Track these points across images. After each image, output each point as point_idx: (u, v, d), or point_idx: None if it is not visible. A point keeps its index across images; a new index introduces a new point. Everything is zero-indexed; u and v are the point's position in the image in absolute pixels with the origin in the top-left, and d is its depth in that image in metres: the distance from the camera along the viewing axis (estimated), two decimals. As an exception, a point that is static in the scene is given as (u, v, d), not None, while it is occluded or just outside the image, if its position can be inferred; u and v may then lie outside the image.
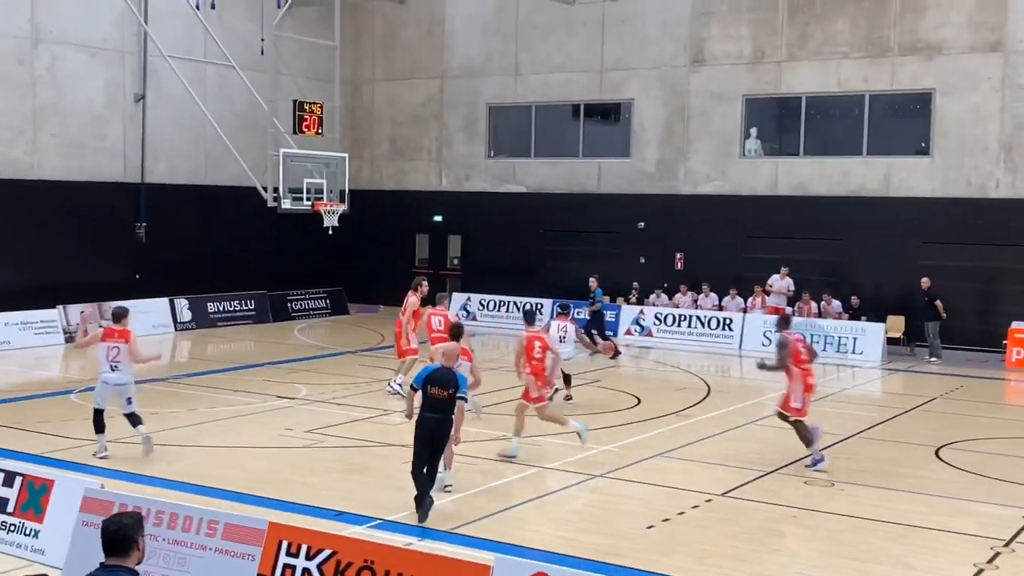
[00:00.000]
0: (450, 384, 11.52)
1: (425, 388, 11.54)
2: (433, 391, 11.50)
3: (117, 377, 13.66)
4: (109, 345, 13.62)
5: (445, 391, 11.49)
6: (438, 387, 11.51)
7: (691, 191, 27.90)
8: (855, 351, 24.33)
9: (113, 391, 13.75)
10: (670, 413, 17.60)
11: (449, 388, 11.50)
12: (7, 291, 23.65)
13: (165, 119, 27.43)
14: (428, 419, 11.47)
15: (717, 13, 27.35)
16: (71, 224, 25.24)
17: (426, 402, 11.51)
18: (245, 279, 28.57)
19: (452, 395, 11.51)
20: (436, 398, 11.49)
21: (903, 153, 25.75)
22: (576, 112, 29.88)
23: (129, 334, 13.73)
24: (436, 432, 11.50)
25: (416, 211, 31.49)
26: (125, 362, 13.66)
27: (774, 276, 25.88)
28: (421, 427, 11.53)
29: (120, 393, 13.77)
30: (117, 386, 13.72)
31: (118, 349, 13.58)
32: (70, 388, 18.81)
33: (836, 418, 17.67)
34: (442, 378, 11.56)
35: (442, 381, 11.53)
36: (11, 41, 24.22)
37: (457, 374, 11.72)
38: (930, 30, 25.01)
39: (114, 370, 13.64)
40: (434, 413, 11.47)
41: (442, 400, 11.49)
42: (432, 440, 11.51)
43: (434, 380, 11.55)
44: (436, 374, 11.62)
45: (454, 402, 11.57)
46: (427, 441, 11.48)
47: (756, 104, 27.42)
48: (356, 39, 32.14)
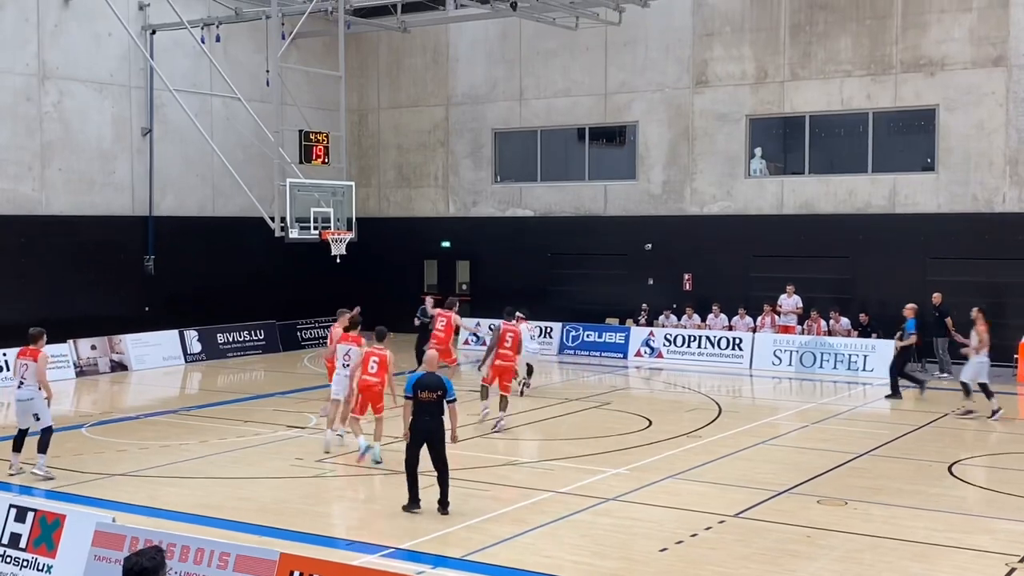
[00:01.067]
0: (438, 387, 12.49)
1: (416, 394, 12.44)
2: (423, 395, 12.43)
3: (21, 393, 14.50)
4: (20, 362, 14.57)
5: (434, 394, 12.45)
6: (427, 391, 12.45)
7: (697, 212, 27.94)
8: (865, 368, 24.26)
9: (18, 407, 14.56)
10: (681, 434, 17.55)
11: (438, 391, 12.47)
12: (17, 326, 23.52)
13: (172, 152, 27.59)
14: (423, 422, 12.42)
15: (719, 34, 27.46)
16: (80, 259, 25.35)
17: (418, 407, 12.44)
18: (254, 309, 28.65)
19: (441, 397, 12.47)
20: (426, 401, 12.42)
21: (908, 169, 25.77)
22: (581, 136, 29.98)
23: (39, 354, 14.62)
24: (431, 433, 12.43)
25: (424, 237, 31.58)
26: (31, 380, 14.44)
27: (782, 296, 25.92)
28: (416, 431, 12.44)
29: (25, 409, 14.50)
30: (20, 402, 14.52)
31: (27, 367, 14.47)
32: (81, 422, 18.85)
33: (848, 436, 17.63)
34: (430, 382, 12.51)
35: (430, 385, 12.49)
36: (19, 78, 24.41)
37: (443, 378, 12.67)
38: (932, 46, 25.07)
39: (20, 387, 14.50)
40: (426, 416, 12.41)
41: (432, 402, 12.45)
42: (428, 441, 12.44)
43: (423, 385, 12.49)
44: (424, 379, 12.56)
45: (443, 404, 12.51)
46: (422, 443, 12.44)
47: (760, 124, 27.48)
48: (361, 68, 32.34)
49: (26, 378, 14.45)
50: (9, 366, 23.11)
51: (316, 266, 25.78)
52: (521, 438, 17.51)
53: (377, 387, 15.23)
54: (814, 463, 15.46)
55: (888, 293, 25.45)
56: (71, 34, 25.36)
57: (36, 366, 14.48)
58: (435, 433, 12.46)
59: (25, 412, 14.55)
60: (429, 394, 12.45)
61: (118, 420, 19.31)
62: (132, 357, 25.52)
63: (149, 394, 23.17)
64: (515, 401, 20.58)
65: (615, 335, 27.87)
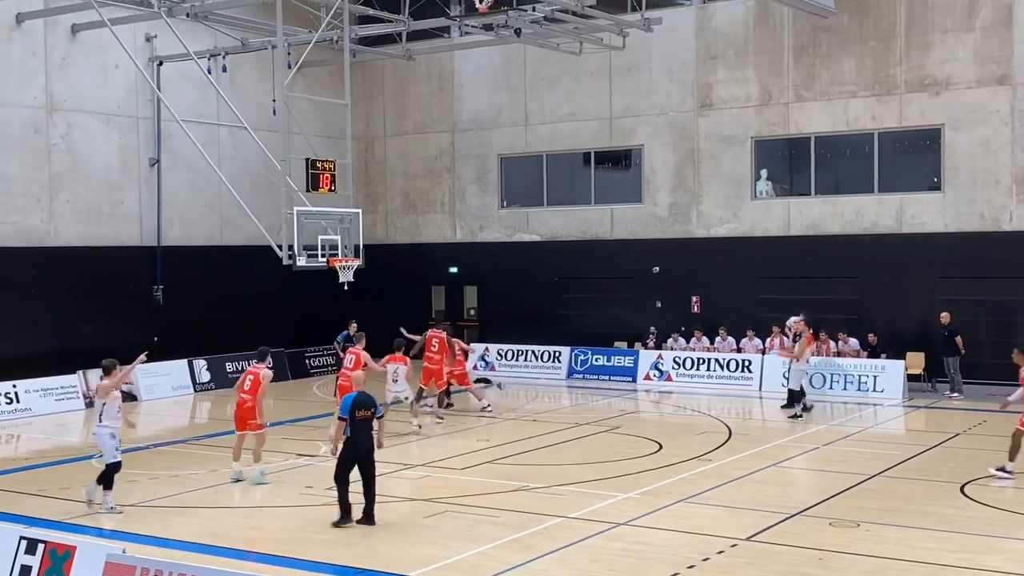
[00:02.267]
0: (371, 405, 13.54)
1: (353, 413, 13.27)
2: (360, 413, 13.34)
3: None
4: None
5: (369, 411, 13.47)
6: (363, 409, 13.40)
7: (704, 234, 27.95)
8: (875, 389, 24.19)
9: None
10: (692, 458, 17.49)
11: (371, 408, 13.52)
12: (27, 358, 23.79)
13: (180, 182, 27.71)
14: (361, 439, 13.31)
15: (723, 57, 27.55)
16: (89, 289, 25.42)
17: (354, 425, 13.27)
18: (263, 337, 28.45)
19: (373, 414, 13.57)
20: (362, 419, 13.37)
21: (915, 189, 25.76)
22: (587, 160, 30.04)
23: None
24: (365, 449, 13.33)
25: (431, 263, 31.62)
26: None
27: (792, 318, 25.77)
28: (353, 447, 13.25)
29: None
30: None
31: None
32: (91, 453, 18.82)
33: (859, 457, 17.56)
34: (365, 402, 13.47)
35: (366, 404, 13.46)
36: (27, 111, 24.58)
37: (372, 396, 13.69)
38: (936, 66, 25.12)
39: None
40: (361, 433, 13.34)
41: (366, 420, 13.44)
42: (363, 458, 13.29)
43: (359, 404, 13.39)
44: (359, 399, 13.45)
45: (373, 421, 13.62)
46: (358, 459, 13.27)
47: (765, 146, 27.52)
48: (367, 96, 32.49)
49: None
50: (19, 398, 23.23)
51: (324, 294, 25.79)
52: (531, 463, 17.47)
53: (249, 404, 16.02)
54: (825, 485, 15.40)
55: (897, 313, 25.42)
56: (79, 66, 25.54)
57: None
58: (370, 449, 13.43)
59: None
60: (364, 412, 13.38)
61: (128, 450, 19.13)
62: (141, 387, 25.53)
63: (159, 424, 23.16)
64: (525, 426, 20.56)
65: (624, 359, 27.83)
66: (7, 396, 23.04)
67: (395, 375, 20.01)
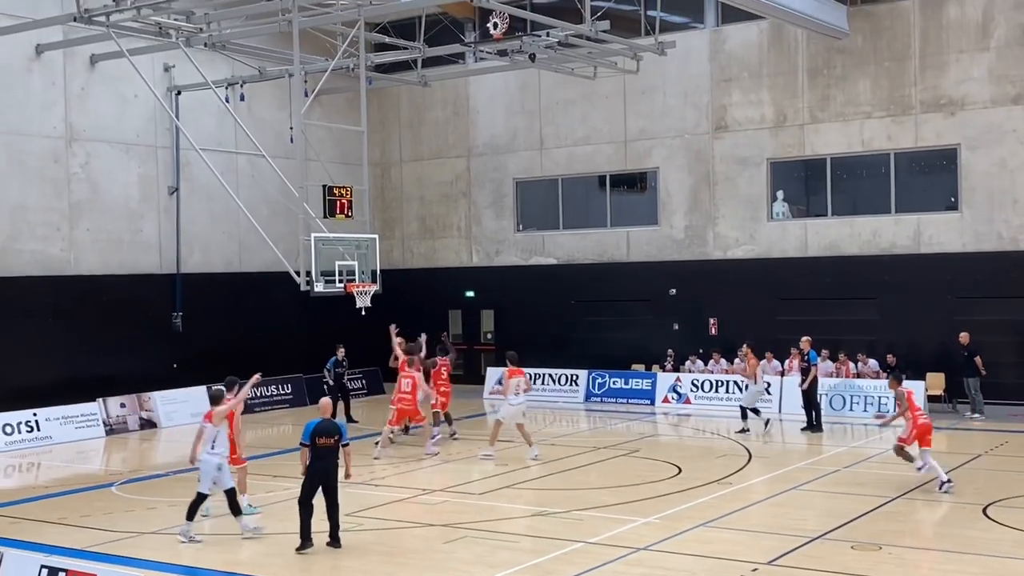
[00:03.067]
0: (335, 432, 13.48)
1: (314, 440, 13.33)
2: (321, 440, 13.33)
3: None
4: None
5: (331, 439, 13.40)
6: (325, 436, 13.37)
7: (721, 256, 27.93)
8: (895, 410, 23.98)
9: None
10: (712, 481, 17.43)
11: (335, 435, 13.45)
12: (48, 386, 23.92)
13: (198, 210, 27.89)
14: (321, 466, 13.33)
15: (737, 80, 27.61)
16: (108, 317, 25.55)
17: (316, 452, 13.33)
18: (281, 363, 28.73)
19: (337, 442, 13.45)
20: (323, 446, 13.34)
21: (932, 209, 25.70)
22: (602, 183, 30.10)
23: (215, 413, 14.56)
24: (328, 476, 13.33)
25: (448, 288, 31.68)
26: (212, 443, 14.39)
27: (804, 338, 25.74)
28: (314, 474, 13.33)
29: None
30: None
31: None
32: (111, 481, 18.92)
33: (880, 479, 17.46)
34: (328, 428, 13.45)
35: (328, 431, 13.43)
36: (47, 141, 24.80)
37: (340, 424, 13.71)
38: (952, 86, 25.10)
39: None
40: (323, 460, 13.35)
41: (329, 447, 13.40)
42: (325, 483, 13.30)
43: (321, 431, 13.39)
44: (321, 426, 13.44)
45: (338, 448, 13.49)
46: (319, 484, 13.29)
47: (781, 167, 27.52)
48: (383, 122, 32.67)
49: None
50: (40, 426, 23.35)
51: (341, 319, 25.87)
52: (550, 488, 17.44)
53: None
54: (847, 508, 15.31)
55: (915, 334, 25.30)
56: (98, 96, 25.77)
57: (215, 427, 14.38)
58: (332, 475, 13.40)
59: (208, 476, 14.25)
60: (326, 439, 13.36)
61: (148, 478, 19.38)
62: (161, 414, 25.63)
63: (178, 451, 23.13)
64: (543, 450, 20.52)
65: (642, 381, 27.79)
66: (27, 424, 23.17)
67: (517, 389, 19.87)
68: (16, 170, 24.21)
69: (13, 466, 21.27)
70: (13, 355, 23.64)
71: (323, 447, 13.35)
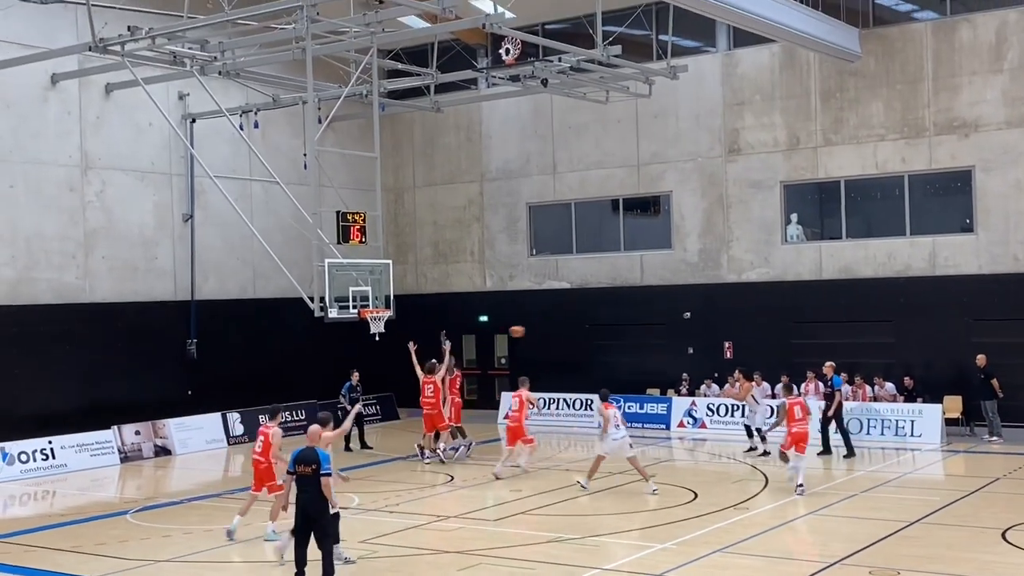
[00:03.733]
0: (312, 461, 12.80)
1: (296, 468, 12.94)
2: (299, 469, 12.88)
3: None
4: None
5: (308, 467, 12.79)
6: (303, 464, 12.85)
7: (735, 279, 27.87)
8: (913, 434, 23.91)
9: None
10: (728, 506, 17.32)
11: (312, 464, 12.79)
12: (63, 414, 23.98)
13: (213, 237, 27.99)
14: (300, 496, 12.89)
15: (749, 103, 27.62)
16: (123, 345, 25.62)
17: (297, 481, 12.95)
18: (295, 389, 28.75)
19: (315, 471, 12.74)
20: (303, 475, 12.86)
21: (947, 231, 25.60)
22: (615, 207, 30.10)
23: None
24: (309, 506, 12.74)
25: (461, 312, 31.65)
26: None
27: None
28: (297, 504, 12.93)
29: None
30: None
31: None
32: (126, 509, 18.92)
33: (898, 504, 17.33)
34: (306, 457, 12.89)
35: (306, 459, 12.87)
36: (62, 169, 24.96)
37: (319, 452, 12.94)
38: (965, 108, 25.06)
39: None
40: (304, 491, 12.84)
41: (307, 476, 12.79)
42: (306, 514, 12.75)
43: (300, 459, 12.92)
44: (301, 454, 12.96)
45: (318, 478, 12.73)
46: (303, 516, 12.78)
47: (795, 190, 27.49)
48: (396, 148, 32.78)
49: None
50: (55, 454, 23.38)
51: (355, 344, 25.90)
52: (565, 513, 17.35)
53: (264, 465, 16.03)
54: (864, 532, 15.19)
55: (932, 356, 25.16)
56: (113, 125, 25.94)
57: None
58: (312, 506, 12.75)
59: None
60: (304, 468, 12.85)
61: (162, 505, 19.37)
62: (175, 441, 25.65)
63: (193, 478, 23.24)
64: (559, 476, 20.42)
65: (657, 406, 27.70)
66: (43, 452, 23.20)
67: (616, 421, 19.25)
68: (32, 199, 24.36)
69: (28, 494, 21.29)
70: (29, 383, 23.73)
71: (302, 476, 12.83)
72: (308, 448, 13.03)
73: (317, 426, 13.96)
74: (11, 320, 23.68)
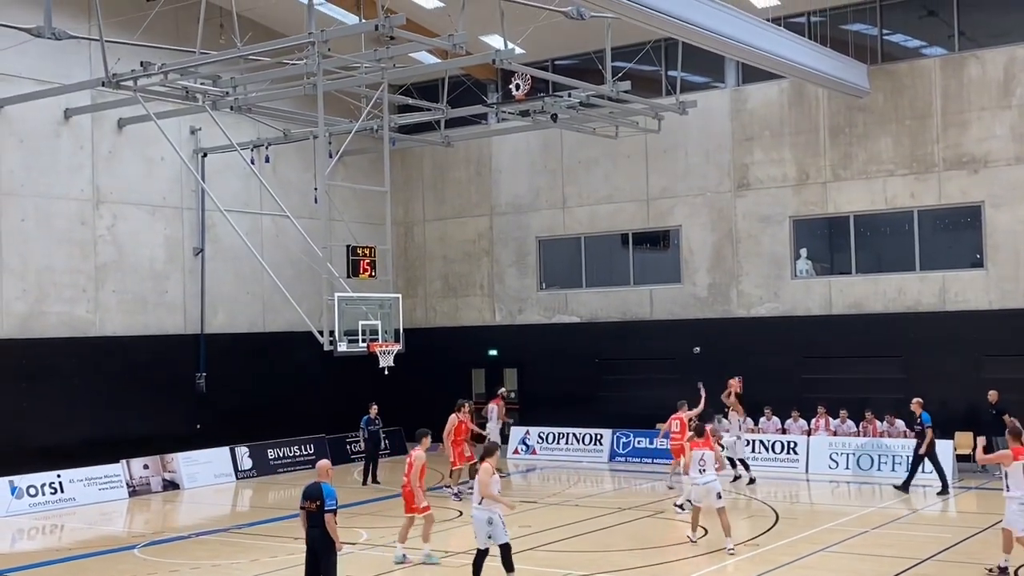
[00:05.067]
0: (317, 497, 12.77)
1: (303, 504, 12.94)
2: (305, 504, 12.87)
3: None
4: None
5: (313, 503, 12.77)
6: (308, 500, 12.84)
7: (745, 314, 27.83)
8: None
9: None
10: (738, 543, 17.20)
11: (316, 501, 12.76)
12: (72, 447, 23.96)
13: (223, 270, 28.08)
14: (307, 533, 12.92)
15: (759, 138, 27.70)
16: (132, 378, 25.62)
17: (305, 517, 12.92)
18: (304, 423, 28.74)
19: (319, 507, 12.72)
20: (308, 511, 12.86)
21: (957, 267, 25.56)
22: (625, 241, 30.13)
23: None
24: (315, 543, 12.80)
25: (471, 346, 31.65)
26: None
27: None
28: (306, 541, 12.96)
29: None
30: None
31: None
32: (134, 543, 18.86)
33: (909, 541, 17.20)
34: (311, 492, 12.87)
35: (311, 495, 12.85)
36: (74, 203, 25.09)
37: (325, 487, 12.86)
38: (974, 144, 25.09)
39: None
40: (312, 526, 12.86)
41: (312, 513, 12.80)
42: (314, 551, 12.81)
43: (305, 495, 12.91)
44: (307, 490, 12.94)
45: (322, 514, 12.72)
46: (311, 552, 12.87)
47: (804, 225, 27.49)
48: (406, 182, 32.91)
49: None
50: (63, 487, 23.35)
51: (364, 378, 25.90)
52: (575, 549, 17.25)
53: (408, 488, 16.52)
54: (876, 570, 15.08)
55: (943, 392, 24.99)
56: (125, 159, 26.10)
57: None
58: (317, 542, 12.78)
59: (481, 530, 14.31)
60: (310, 504, 12.82)
61: (170, 540, 19.31)
62: (184, 475, 25.61)
63: (200, 513, 23.18)
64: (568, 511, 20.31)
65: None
66: (51, 486, 23.19)
67: (702, 463, 17.07)
68: (44, 232, 24.48)
69: (37, 528, 21.26)
70: (38, 416, 23.73)
71: (308, 512, 12.85)
72: (315, 484, 12.98)
73: (326, 461, 13.90)
74: (21, 353, 23.73)
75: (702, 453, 16.98)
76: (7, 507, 22.24)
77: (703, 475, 16.97)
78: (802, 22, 26.47)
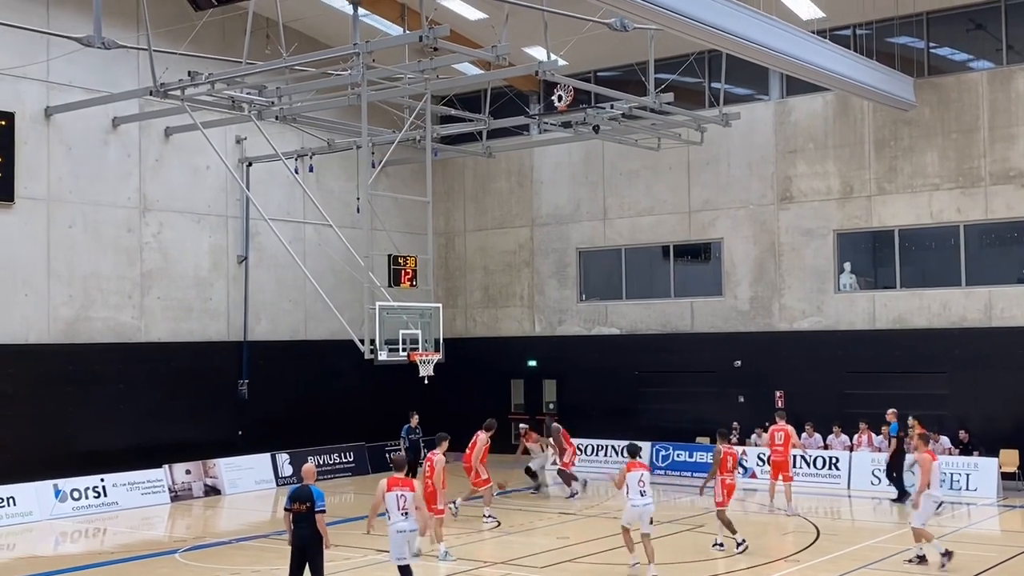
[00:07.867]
0: (307, 499, 13.20)
1: (291, 505, 13.28)
2: (295, 506, 13.23)
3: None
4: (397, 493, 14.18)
5: (303, 505, 13.18)
6: (299, 502, 13.22)
7: (787, 328, 27.64)
8: (968, 488, 23.45)
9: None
10: (779, 559, 17.08)
11: (307, 502, 13.18)
12: (116, 452, 24.25)
13: (266, 279, 28.31)
14: (295, 533, 13.26)
15: (802, 151, 27.54)
16: (176, 384, 25.90)
17: (294, 518, 13.24)
18: (344, 431, 28.89)
19: (309, 508, 13.15)
20: (296, 512, 13.22)
21: (1003, 282, 25.24)
22: (666, 253, 30.04)
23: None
24: (304, 543, 13.19)
25: (510, 357, 31.68)
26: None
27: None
28: (294, 543, 13.29)
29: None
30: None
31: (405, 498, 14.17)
32: (175, 548, 19.04)
33: (953, 560, 16.96)
34: (300, 494, 13.29)
35: (301, 496, 13.26)
36: (121, 211, 25.41)
37: (313, 489, 13.29)
38: (1021, 158, 24.79)
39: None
40: (299, 527, 13.23)
41: (301, 513, 13.19)
42: (303, 551, 13.17)
43: (294, 497, 13.31)
44: (295, 492, 13.38)
45: (313, 515, 13.15)
46: (299, 553, 13.20)
47: (848, 239, 27.27)
48: (448, 192, 33.04)
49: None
50: (107, 492, 23.61)
51: (404, 387, 25.99)
52: (613, 562, 17.18)
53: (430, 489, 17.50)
54: None
55: (988, 409, 24.73)
56: (171, 168, 26.41)
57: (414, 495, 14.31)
58: (308, 543, 13.18)
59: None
60: (300, 505, 13.20)
61: (211, 545, 19.47)
62: (225, 481, 25.82)
63: (242, 518, 23.35)
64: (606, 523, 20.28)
65: (706, 455, 27.33)
66: (95, 490, 23.46)
67: (641, 485, 16.51)
68: (91, 239, 24.82)
69: (80, 531, 21.51)
70: (83, 421, 24.05)
71: (297, 513, 13.25)
72: (303, 486, 13.46)
73: (311, 464, 14.32)
74: (67, 359, 24.05)
75: (640, 474, 16.46)
76: (51, 510, 22.54)
77: (643, 497, 16.41)
78: (847, 35, 26.28)
